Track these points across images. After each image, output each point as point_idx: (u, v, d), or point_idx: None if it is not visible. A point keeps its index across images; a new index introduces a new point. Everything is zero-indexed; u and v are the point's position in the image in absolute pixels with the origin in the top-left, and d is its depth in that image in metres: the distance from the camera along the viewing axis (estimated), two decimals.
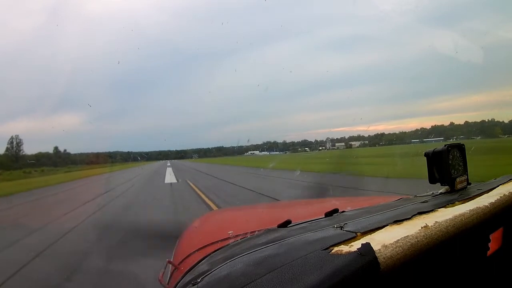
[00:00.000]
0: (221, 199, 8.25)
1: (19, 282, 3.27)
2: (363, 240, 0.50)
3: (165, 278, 0.87)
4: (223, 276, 0.49)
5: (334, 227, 0.62)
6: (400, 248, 0.48)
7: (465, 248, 0.65)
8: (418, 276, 0.55)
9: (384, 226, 0.57)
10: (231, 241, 0.77)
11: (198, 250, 0.88)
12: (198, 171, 21.77)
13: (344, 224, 0.62)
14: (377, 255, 0.46)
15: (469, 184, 0.94)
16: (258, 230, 0.75)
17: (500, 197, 0.71)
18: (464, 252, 0.65)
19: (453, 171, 0.88)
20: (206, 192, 9.51)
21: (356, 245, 0.48)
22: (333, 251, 0.48)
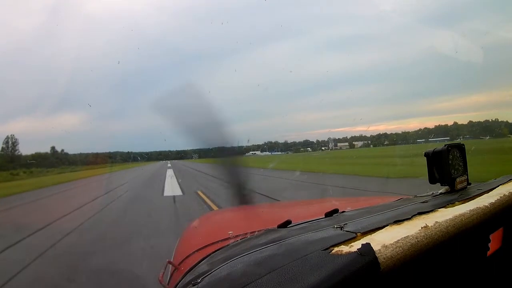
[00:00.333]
0: None
1: None
2: (363, 240, 0.50)
3: (165, 278, 0.87)
4: (223, 276, 0.49)
5: (334, 227, 0.62)
6: (400, 248, 0.48)
7: (465, 248, 0.65)
8: (418, 276, 0.55)
9: (384, 226, 0.57)
10: (231, 241, 0.77)
11: (198, 250, 0.88)
12: (205, 175, 15.90)
13: (344, 224, 0.62)
14: (377, 255, 0.46)
15: (469, 184, 0.94)
16: (258, 230, 0.75)
17: (500, 197, 0.71)
18: (464, 252, 0.65)
19: (453, 171, 0.88)
20: None
21: (356, 245, 0.48)
22: (333, 251, 0.48)
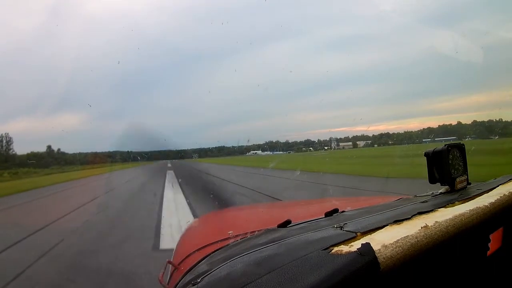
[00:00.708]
0: None
1: None
2: (363, 240, 0.50)
3: (165, 278, 0.87)
4: (223, 276, 0.49)
5: (334, 227, 0.62)
6: (400, 248, 0.48)
7: (465, 248, 0.65)
8: (418, 276, 0.55)
9: (384, 226, 0.57)
10: (231, 241, 0.77)
11: (198, 250, 0.88)
12: (214, 177, 13.08)
13: (344, 224, 0.62)
14: (377, 255, 0.46)
15: (469, 184, 0.94)
16: (258, 230, 0.75)
17: (500, 197, 0.71)
18: (464, 252, 0.65)
19: (453, 171, 0.88)
20: None
21: (356, 245, 0.48)
22: (333, 251, 0.48)
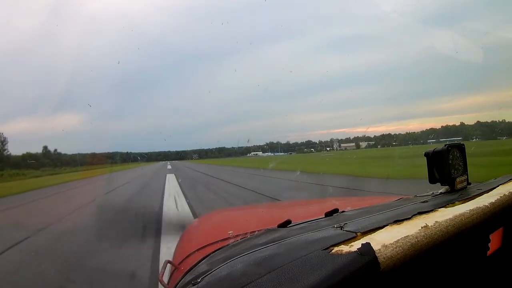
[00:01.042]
0: None
1: None
2: (363, 240, 0.50)
3: (165, 278, 0.87)
4: (223, 276, 0.49)
5: (334, 227, 0.62)
6: (400, 248, 0.48)
7: (465, 248, 0.65)
8: (418, 276, 0.55)
9: (384, 226, 0.57)
10: (231, 241, 0.77)
11: (198, 250, 0.88)
12: (224, 182, 11.74)
13: (344, 224, 0.62)
14: (377, 255, 0.46)
15: (469, 184, 0.94)
16: (258, 230, 0.75)
17: (500, 197, 0.71)
18: (464, 252, 0.65)
19: (453, 171, 0.88)
20: None
21: (356, 245, 0.48)
22: (333, 251, 0.48)
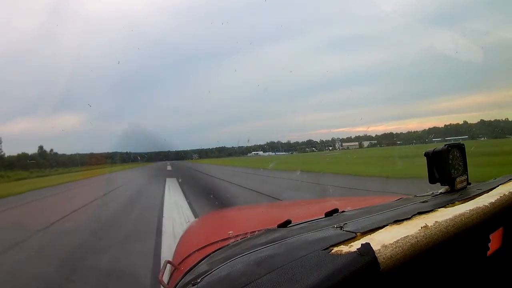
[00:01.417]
0: None
1: None
2: (363, 240, 0.50)
3: (165, 279, 0.87)
4: (223, 276, 0.49)
5: (334, 227, 0.62)
6: (400, 248, 0.48)
7: (465, 248, 0.65)
8: (418, 276, 0.55)
9: (384, 226, 0.57)
10: (231, 241, 0.77)
11: (198, 250, 0.88)
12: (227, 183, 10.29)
13: (344, 224, 0.62)
14: (377, 255, 0.46)
15: (469, 184, 0.94)
16: (258, 230, 0.75)
17: (500, 197, 0.71)
18: (464, 252, 0.65)
19: (453, 171, 0.88)
20: None
21: (356, 245, 0.48)
22: (333, 251, 0.48)
